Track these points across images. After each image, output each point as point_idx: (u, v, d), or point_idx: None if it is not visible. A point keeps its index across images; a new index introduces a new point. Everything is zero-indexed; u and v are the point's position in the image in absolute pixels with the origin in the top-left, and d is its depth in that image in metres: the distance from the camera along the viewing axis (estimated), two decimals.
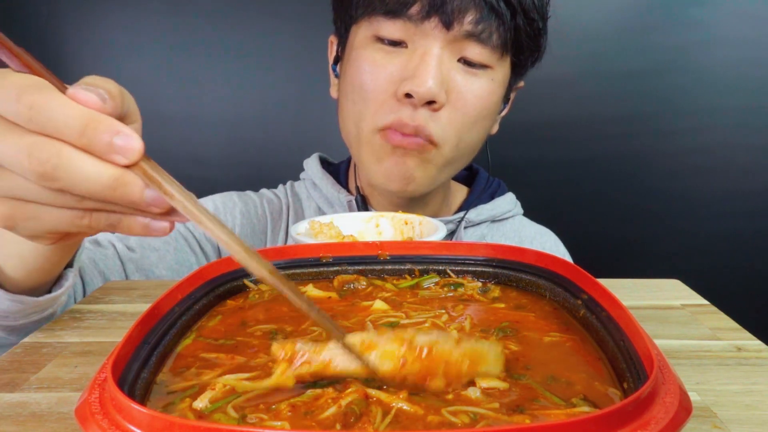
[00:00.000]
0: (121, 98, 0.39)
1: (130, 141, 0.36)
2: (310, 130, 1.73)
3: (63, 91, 0.37)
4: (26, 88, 0.36)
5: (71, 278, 0.67)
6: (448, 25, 0.81)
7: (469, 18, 0.81)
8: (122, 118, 0.40)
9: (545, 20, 0.89)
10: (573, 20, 1.61)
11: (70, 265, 0.68)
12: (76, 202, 0.39)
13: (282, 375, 0.39)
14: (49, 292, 0.66)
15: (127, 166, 0.37)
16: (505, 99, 0.96)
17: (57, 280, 0.67)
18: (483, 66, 0.85)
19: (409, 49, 0.84)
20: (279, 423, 0.36)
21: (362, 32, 0.87)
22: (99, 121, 0.36)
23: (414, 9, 0.81)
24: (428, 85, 0.81)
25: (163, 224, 0.40)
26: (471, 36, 0.82)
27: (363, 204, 0.99)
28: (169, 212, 0.39)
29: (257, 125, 1.75)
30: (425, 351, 0.38)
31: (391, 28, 0.83)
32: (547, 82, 1.61)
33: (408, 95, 0.83)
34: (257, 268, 0.38)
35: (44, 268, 0.61)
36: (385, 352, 0.38)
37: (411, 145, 0.86)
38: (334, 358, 0.39)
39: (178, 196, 0.38)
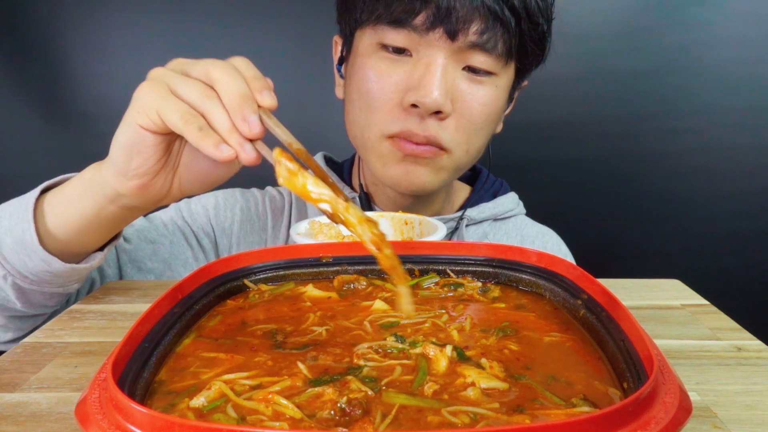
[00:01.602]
0: None
1: (273, 99, 0.54)
2: (313, 129, 1.73)
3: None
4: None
5: (98, 259, 0.72)
6: (452, 36, 0.81)
7: (474, 28, 0.80)
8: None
9: (550, 22, 0.89)
10: (575, 20, 1.61)
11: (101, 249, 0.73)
12: (202, 96, 0.54)
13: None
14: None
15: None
16: (509, 99, 0.96)
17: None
18: (488, 73, 0.85)
19: (414, 58, 0.84)
20: (278, 423, 0.36)
21: (367, 39, 0.87)
22: (266, 80, 0.56)
23: (419, 19, 0.81)
24: (434, 96, 0.81)
25: (230, 150, 0.52)
26: (476, 46, 0.82)
27: (367, 201, 0.99)
28: (252, 139, 0.52)
29: None
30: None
31: (396, 38, 0.83)
32: (548, 82, 1.60)
33: (414, 105, 0.83)
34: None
35: (89, 233, 0.67)
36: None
37: (424, 153, 0.86)
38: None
39: (273, 119, 0.53)
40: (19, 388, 0.50)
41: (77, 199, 0.65)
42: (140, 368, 0.41)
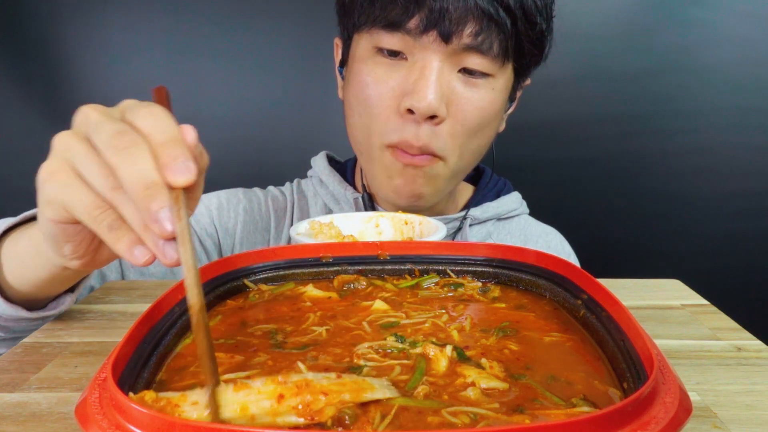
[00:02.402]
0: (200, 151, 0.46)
1: (189, 172, 0.42)
2: (314, 130, 1.73)
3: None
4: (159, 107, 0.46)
5: (67, 303, 0.68)
6: (446, 39, 0.80)
7: (468, 30, 0.80)
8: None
9: (550, 21, 0.88)
10: (575, 20, 1.61)
11: (72, 290, 0.69)
12: (107, 188, 0.43)
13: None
14: (44, 307, 0.67)
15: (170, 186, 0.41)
16: (511, 98, 0.96)
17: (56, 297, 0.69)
18: (484, 74, 0.85)
19: (409, 62, 0.84)
20: None
21: (363, 43, 0.87)
22: (180, 142, 0.43)
23: (412, 23, 0.80)
24: (428, 100, 0.81)
25: (146, 254, 0.43)
26: (471, 48, 0.82)
27: (370, 201, 1.00)
28: (167, 239, 0.41)
29: (260, 126, 1.75)
30: (303, 385, 0.37)
31: (391, 41, 0.83)
32: (549, 82, 1.61)
33: (410, 110, 0.83)
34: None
35: (52, 289, 0.63)
36: (260, 392, 0.37)
37: (420, 162, 0.87)
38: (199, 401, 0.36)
39: (183, 222, 0.41)
40: (19, 388, 0.50)
41: (30, 261, 0.60)
42: (140, 368, 0.41)
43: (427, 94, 0.81)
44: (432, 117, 0.84)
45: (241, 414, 0.35)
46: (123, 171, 0.42)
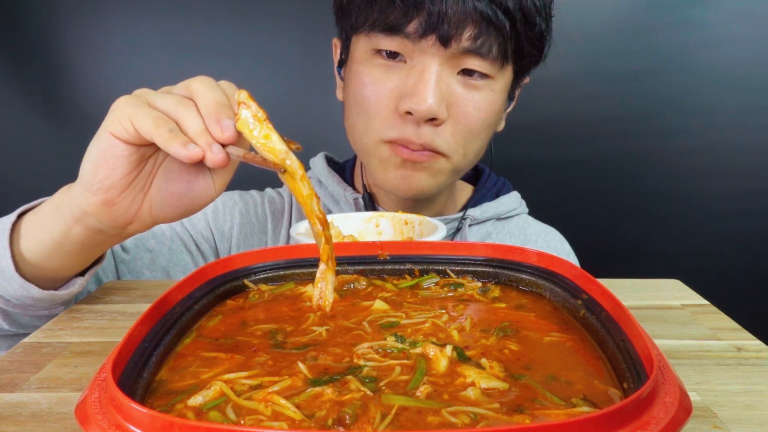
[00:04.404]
0: None
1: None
2: (313, 130, 1.73)
3: None
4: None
5: (77, 285, 0.69)
6: (445, 43, 0.80)
7: (467, 34, 0.80)
8: None
9: (549, 21, 0.88)
10: (575, 20, 1.61)
11: (82, 273, 0.70)
12: (173, 106, 0.54)
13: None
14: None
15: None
16: (510, 97, 0.96)
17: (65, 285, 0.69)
18: (483, 76, 0.85)
19: (408, 65, 0.84)
20: (277, 423, 0.36)
21: (362, 45, 0.88)
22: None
23: (411, 27, 0.81)
24: (428, 103, 0.81)
25: (198, 150, 0.51)
26: (470, 52, 0.82)
27: (370, 201, 1.00)
28: (226, 144, 0.52)
29: None
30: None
31: (390, 44, 0.84)
32: (548, 82, 1.60)
33: (409, 112, 0.83)
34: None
35: (61, 257, 0.64)
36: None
37: (421, 158, 0.87)
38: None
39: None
40: (19, 388, 0.50)
41: (47, 221, 0.63)
42: (140, 368, 0.41)
43: (426, 97, 0.81)
44: (431, 119, 0.84)
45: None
46: (201, 92, 0.54)
